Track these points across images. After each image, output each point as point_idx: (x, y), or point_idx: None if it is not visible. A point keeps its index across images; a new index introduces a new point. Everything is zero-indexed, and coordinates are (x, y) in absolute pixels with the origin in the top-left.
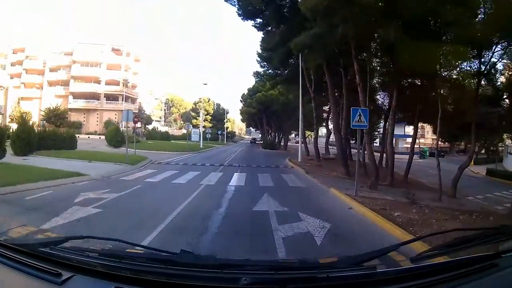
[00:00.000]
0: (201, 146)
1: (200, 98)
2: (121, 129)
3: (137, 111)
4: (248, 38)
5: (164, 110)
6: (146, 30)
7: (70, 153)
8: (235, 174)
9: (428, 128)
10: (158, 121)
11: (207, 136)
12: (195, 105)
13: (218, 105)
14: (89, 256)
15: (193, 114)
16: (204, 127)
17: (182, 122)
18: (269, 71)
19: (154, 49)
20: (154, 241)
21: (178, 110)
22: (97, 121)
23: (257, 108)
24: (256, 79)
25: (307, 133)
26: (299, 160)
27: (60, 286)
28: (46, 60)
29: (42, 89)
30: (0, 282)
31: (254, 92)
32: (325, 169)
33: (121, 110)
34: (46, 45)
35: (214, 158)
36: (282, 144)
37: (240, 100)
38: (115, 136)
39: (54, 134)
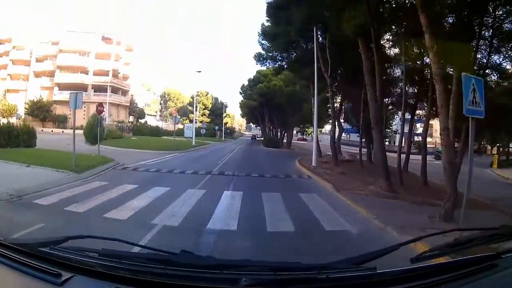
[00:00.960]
0: (193, 144)
1: (198, 92)
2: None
3: (128, 104)
4: (248, 38)
5: (161, 104)
6: (146, 30)
7: (21, 152)
8: (224, 193)
9: (436, 126)
10: (153, 115)
11: (202, 132)
12: (193, 99)
13: (216, 99)
14: (89, 256)
15: (190, 108)
16: (201, 122)
17: (179, 117)
18: (275, 52)
19: (154, 49)
20: None
21: (175, 104)
22: (84, 114)
23: (258, 100)
24: (258, 63)
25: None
26: (313, 165)
27: (60, 287)
28: (32, 50)
29: (27, 80)
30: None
31: (255, 82)
32: (352, 178)
33: (110, 103)
34: (35, 36)
35: (204, 160)
36: (284, 141)
37: (240, 92)
38: (91, 131)
39: (8, 129)
